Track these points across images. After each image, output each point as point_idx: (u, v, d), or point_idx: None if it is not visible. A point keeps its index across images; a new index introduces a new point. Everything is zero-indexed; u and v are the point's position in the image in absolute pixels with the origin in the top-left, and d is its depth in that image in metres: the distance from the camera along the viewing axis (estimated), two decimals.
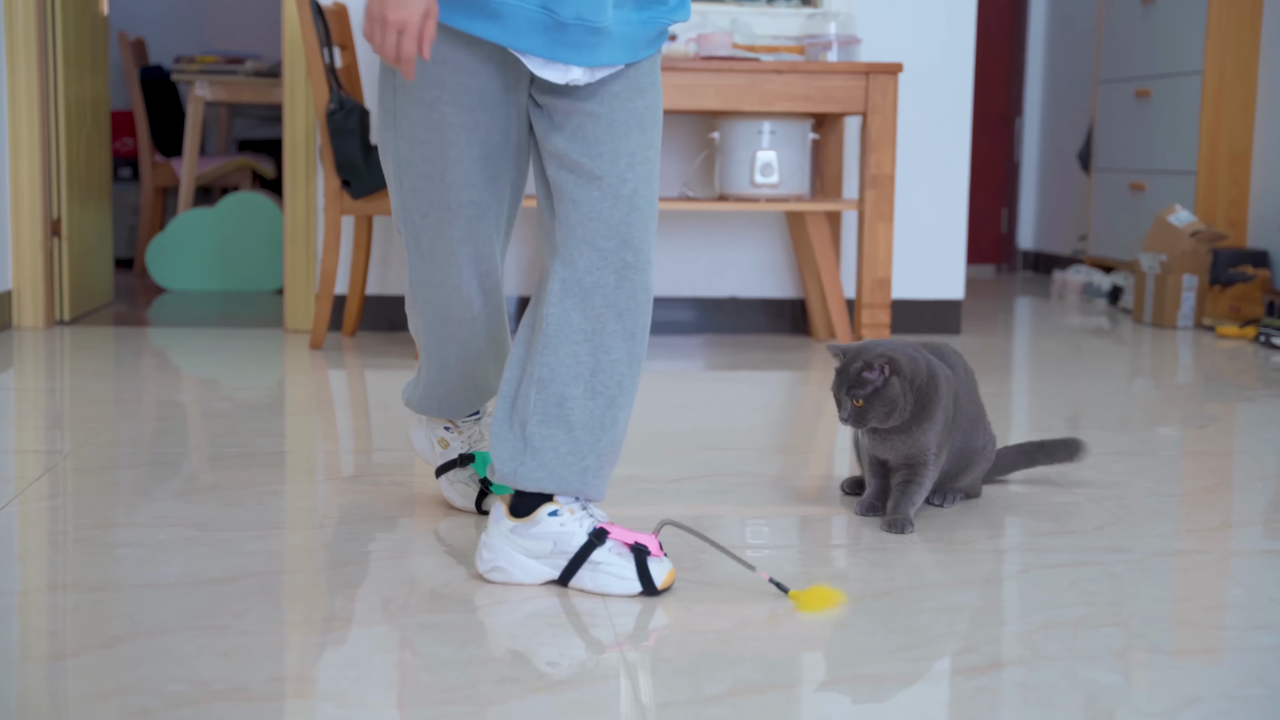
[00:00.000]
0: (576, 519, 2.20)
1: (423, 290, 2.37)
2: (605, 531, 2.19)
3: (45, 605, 2.07)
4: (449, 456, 2.63)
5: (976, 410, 2.70)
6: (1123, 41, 6.87)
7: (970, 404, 2.68)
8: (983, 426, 2.72)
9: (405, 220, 2.31)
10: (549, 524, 2.19)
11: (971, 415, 2.68)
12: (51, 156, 5.12)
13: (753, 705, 1.74)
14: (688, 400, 3.86)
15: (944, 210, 5.31)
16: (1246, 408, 3.89)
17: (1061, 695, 1.79)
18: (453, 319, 2.38)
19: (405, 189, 2.28)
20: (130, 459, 3.01)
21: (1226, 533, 2.58)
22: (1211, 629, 2.06)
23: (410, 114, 2.21)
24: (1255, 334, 5.24)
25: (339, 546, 2.41)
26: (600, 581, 2.18)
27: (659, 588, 2.17)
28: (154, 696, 1.74)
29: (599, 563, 2.18)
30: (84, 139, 5.38)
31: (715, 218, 5.30)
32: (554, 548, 2.19)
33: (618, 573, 2.18)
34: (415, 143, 2.23)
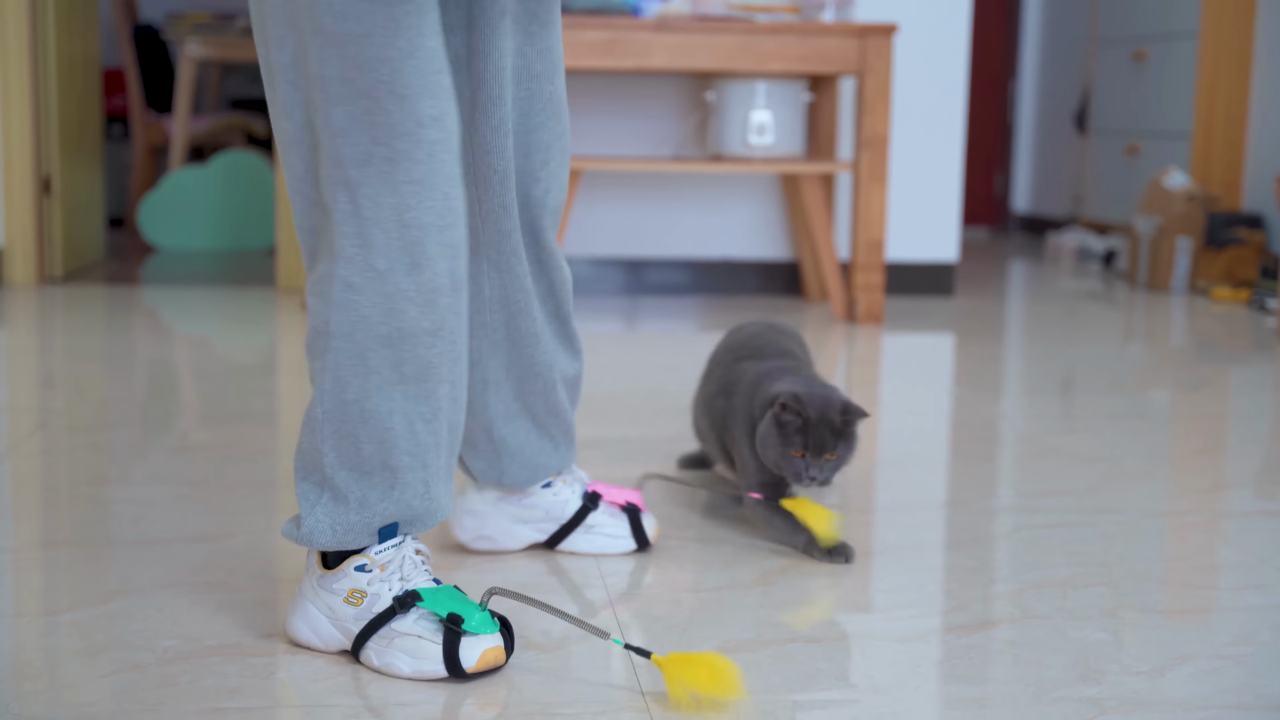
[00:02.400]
0: (569, 486, 2.16)
1: (368, 292, 1.68)
2: (599, 495, 2.17)
3: (38, 561, 2.08)
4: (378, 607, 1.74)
5: None
6: (1119, 2, 6.85)
7: None
8: None
9: (334, 179, 1.66)
10: (543, 495, 2.15)
11: None
12: (43, 114, 5.10)
13: (744, 662, 1.75)
14: (680, 361, 3.86)
15: (938, 172, 5.31)
16: (1239, 371, 3.90)
17: (1051, 654, 1.80)
18: (409, 333, 1.70)
19: (335, 124, 1.65)
20: (123, 417, 3.02)
21: (1218, 494, 2.60)
22: (1201, 589, 2.07)
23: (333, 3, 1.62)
24: (1249, 297, 5.25)
25: None
26: (596, 543, 2.15)
27: (651, 543, 2.18)
28: (146, 652, 1.75)
29: (593, 525, 2.16)
30: (75, 97, 5.37)
31: (709, 179, 5.30)
32: (546, 514, 2.15)
33: (612, 532, 2.16)
34: (346, 41, 1.63)
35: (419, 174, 1.66)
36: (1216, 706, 1.65)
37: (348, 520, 1.72)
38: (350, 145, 1.64)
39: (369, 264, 1.66)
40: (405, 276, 1.67)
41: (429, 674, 1.69)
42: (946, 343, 4.31)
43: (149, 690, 1.64)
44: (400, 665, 1.69)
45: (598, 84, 5.23)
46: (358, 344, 1.68)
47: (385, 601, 1.72)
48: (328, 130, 1.65)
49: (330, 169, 1.66)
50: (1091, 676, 1.73)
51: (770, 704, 1.63)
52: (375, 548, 1.74)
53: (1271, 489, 2.63)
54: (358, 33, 1.61)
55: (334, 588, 1.74)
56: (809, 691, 1.67)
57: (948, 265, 5.37)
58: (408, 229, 1.66)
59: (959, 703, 1.64)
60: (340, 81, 1.62)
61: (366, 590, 1.72)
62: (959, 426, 3.12)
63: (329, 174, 1.66)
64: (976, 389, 3.57)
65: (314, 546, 1.73)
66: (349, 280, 1.67)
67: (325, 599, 1.75)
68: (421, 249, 1.67)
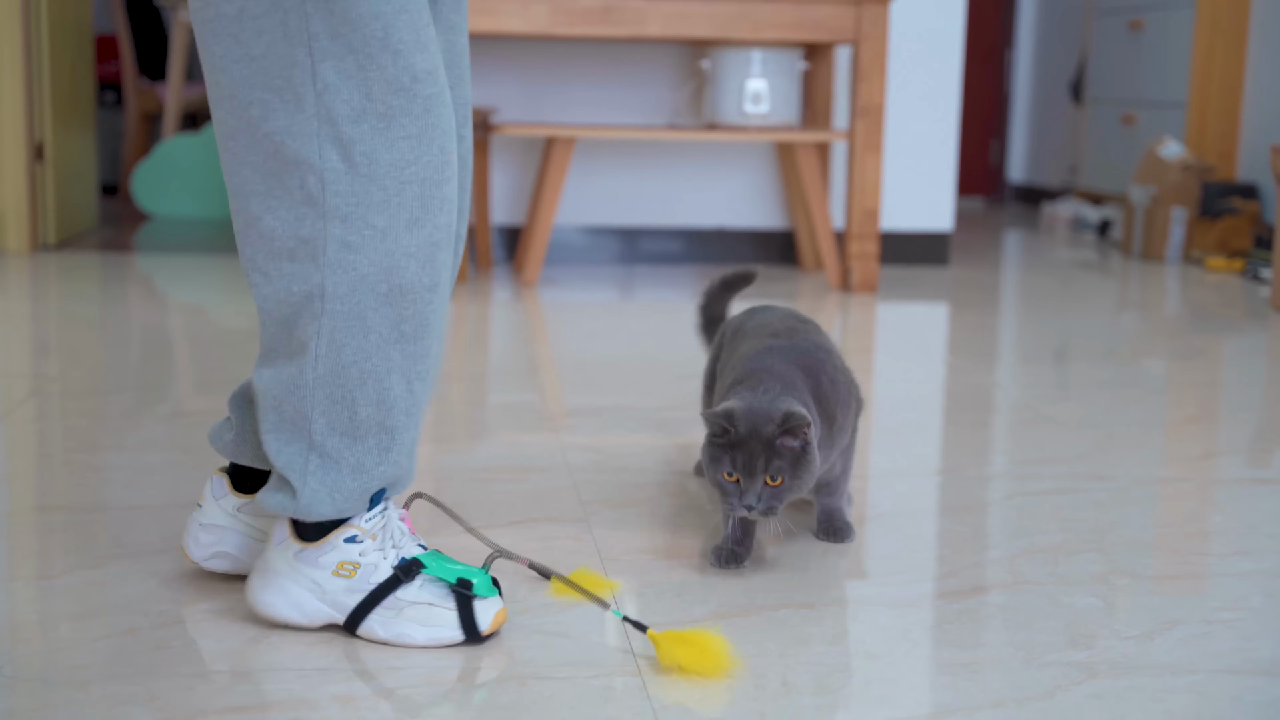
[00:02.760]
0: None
1: (366, 251, 1.63)
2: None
3: (34, 526, 2.08)
4: (377, 577, 1.72)
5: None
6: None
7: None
8: None
9: (324, 136, 1.61)
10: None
11: None
12: (35, 80, 5.09)
13: (737, 628, 1.75)
14: (675, 329, 3.87)
15: (934, 141, 5.30)
16: (1233, 340, 3.90)
17: (1042, 619, 1.81)
18: (409, 290, 1.67)
19: (324, 80, 1.60)
20: (117, 384, 3.02)
21: (1209, 461, 2.60)
22: (1192, 555, 2.08)
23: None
24: (1243, 267, 5.26)
25: None
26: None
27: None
28: (140, 616, 1.76)
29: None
30: (67, 62, 5.35)
31: (704, 148, 5.29)
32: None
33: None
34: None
35: (415, 129, 1.62)
36: (1205, 671, 1.65)
37: (345, 487, 1.68)
38: (342, 102, 1.59)
39: (367, 221, 1.61)
40: (405, 233, 1.63)
41: (446, 640, 1.68)
42: (941, 312, 4.32)
43: (143, 654, 1.64)
44: (414, 634, 1.68)
45: (592, 52, 5.22)
46: (357, 304, 1.63)
47: (385, 571, 1.70)
48: (315, 87, 1.58)
49: (318, 126, 1.59)
50: (1082, 641, 1.74)
51: (762, 668, 1.63)
52: (364, 516, 1.71)
53: (1263, 456, 2.64)
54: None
55: (320, 561, 1.69)
56: (801, 656, 1.68)
57: (943, 234, 5.37)
58: (406, 185, 1.62)
59: (951, 667, 1.65)
60: (329, 37, 1.57)
61: (360, 561, 1.70)
62: (953, 394, 3.13)
63: (317, 131, 1.59)
64: (971, 357, 3.57)
65: (314, 517, 1.68)
66: (345, 239, 1.61)
67: (309, 574, 1.70)
68: (421, 204, 1.64)
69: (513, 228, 5.25)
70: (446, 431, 2.70)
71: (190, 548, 1.86)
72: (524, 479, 2.40)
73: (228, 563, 1.87)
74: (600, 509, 2.25)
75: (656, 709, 1.52)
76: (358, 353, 1.65)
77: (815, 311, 4.19)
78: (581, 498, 2.30)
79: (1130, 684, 1.61)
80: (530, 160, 5.24)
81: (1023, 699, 1.57)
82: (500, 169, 5.22)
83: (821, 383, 2.02)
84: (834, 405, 2.02)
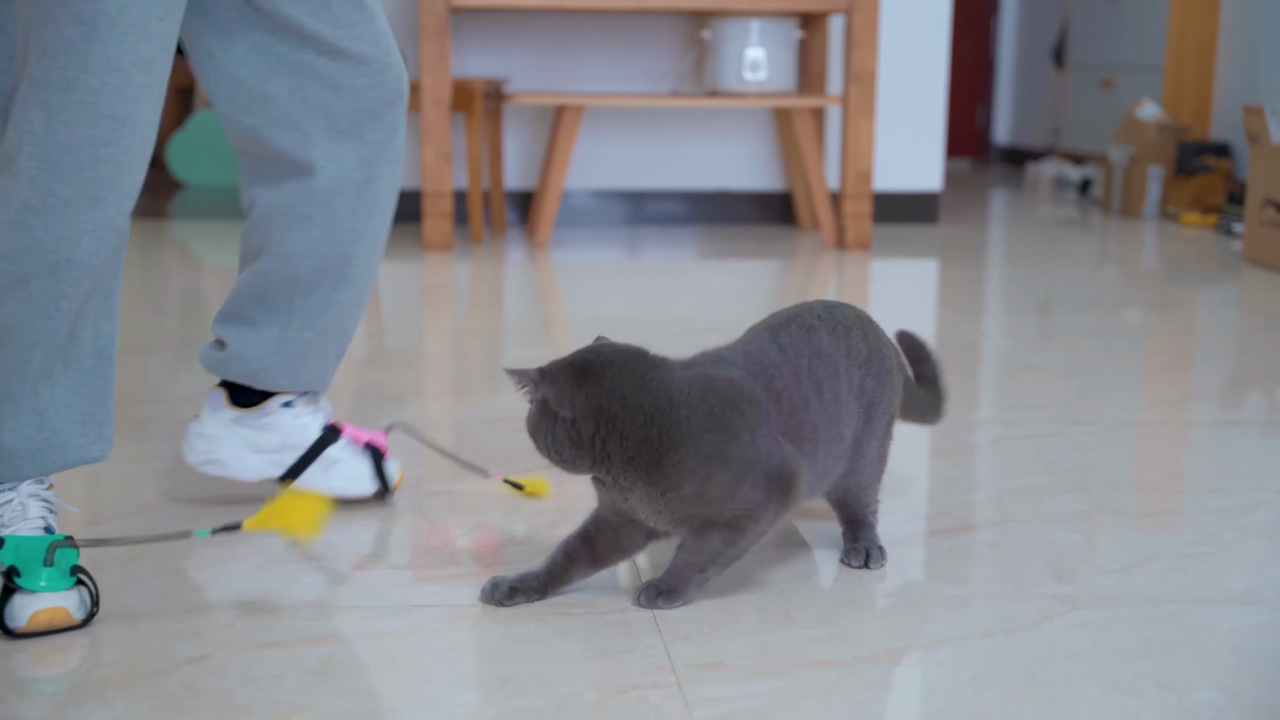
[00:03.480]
0: (312, 411, 1.94)
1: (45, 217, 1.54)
2: (339, 429, 1.95)
3: (83, 475, 2.09)
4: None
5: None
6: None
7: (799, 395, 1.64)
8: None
9: (33, 99, 1.51)
10: (282, 415, 1.93)
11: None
12: None
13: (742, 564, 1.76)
14: (678, 287, 3.87)
15: (923, 105, 5.28)
16: (1206, 291, 3.90)
17: (1028, 554, 1.82)
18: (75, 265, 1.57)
19: (44, 44, 1.51)
20: (157, 343, 3.02)
21: (1184, 406, 2.61)
22: (1168, 493, 2.09)
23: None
24: (1216, 222, 5.24)
25: (353, 421, 2.43)
26: (333, 483, 1.93)
27: (391, 489, 1.98)
28: (184, 558, 1.77)
29: (334, 460, 1.94)
30: None
31: (705, 114, 5.28)
32: (284, 441, 1.93)
33: (352, 472, 1.95)
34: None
35: (123, 112, 1.54)
36: (1180, 601, 1.66)
37: None
38: (59, 69, 1.50)
39: (51, 190, 1.52)
40: (88, 209, 1.55)
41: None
42: (931, 267, 4.31)
43: (186, 593, 1.66)
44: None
45: (598, 22, 5.20)
46: (23, 268, 1.55)
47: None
48: (36, 48, 1.50)
49: (31, 88, 1.51)
50: (1066, 575, 1.75)
51: (766, 603, 1.64)
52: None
53: (1235, 401, 2.65)
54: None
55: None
56: (802, 591, 1.69)
57: (932, 194, 5.36)
58: (100, 164, 1.53)
59: (943, 600, 1.66)
60: (59, 2, 1.48)
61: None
62: (943, 345, 3.13)
63: (27, 92, 1.51)
64: (959, 310, 3.57)
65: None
66: (28, 202, 1.52)
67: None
68: (110, 186, 1.55)
69: (525, 192, 5.24)
70: (465, 385, 2.71)
71: (187, 454, 1.94)
72: None
73: (219, 469, 1.94)
74: None
75: (667, 642, 1.53)
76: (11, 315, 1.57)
77: (812, 269, 4.19)
78: None
79: (1111, 614, 1.62)
80: (541, 128, 5.23)
81: (1011, 629, 1.58)
82: (513, 136, 5.21)
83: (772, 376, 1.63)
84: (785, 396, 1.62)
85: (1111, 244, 4.89)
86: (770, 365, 1.63)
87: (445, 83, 4.37)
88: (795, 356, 1.65)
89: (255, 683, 1.42)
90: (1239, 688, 1.44)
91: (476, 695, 1.40)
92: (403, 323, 3.30)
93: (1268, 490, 2.10)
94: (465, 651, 1.51)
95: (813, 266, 4.24)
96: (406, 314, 3.41)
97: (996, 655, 1.51)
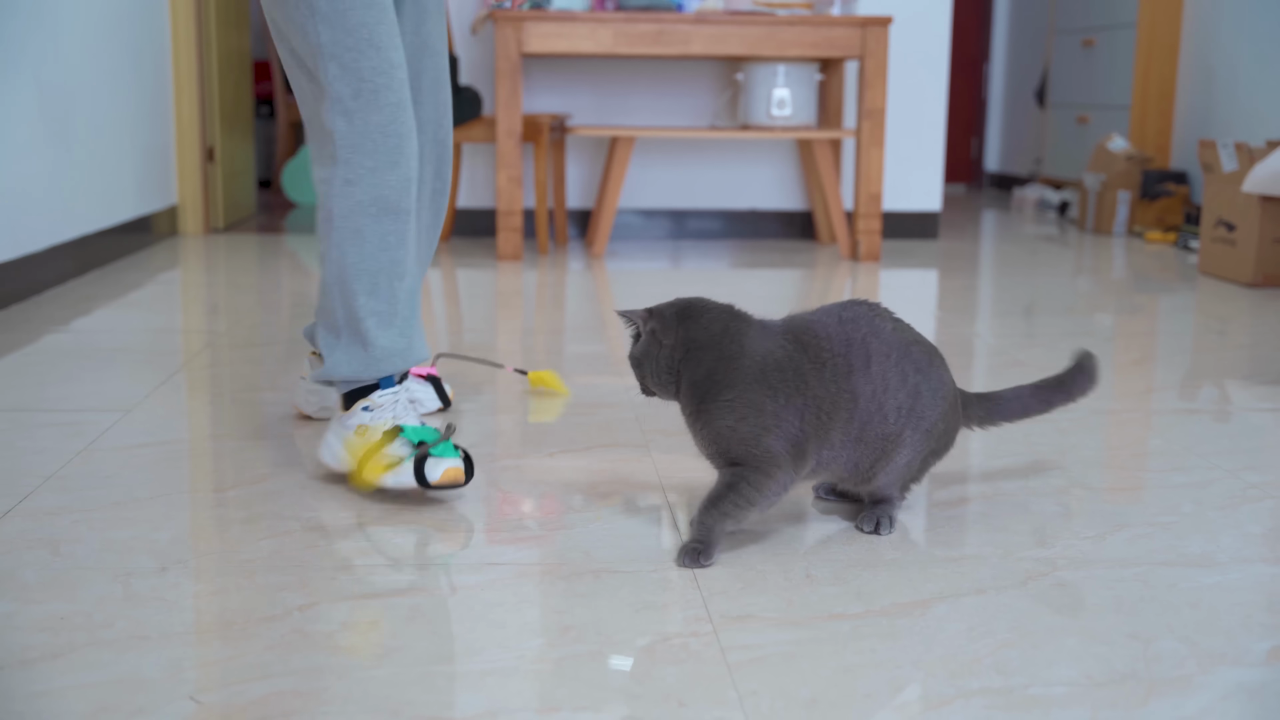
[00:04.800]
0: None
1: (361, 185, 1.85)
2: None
3: (209, 450, 2.10)
4: (373, 440, 1.89)
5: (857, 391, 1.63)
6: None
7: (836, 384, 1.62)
8: (889, 410, 1.65)
9: (334, 110, 1.84)
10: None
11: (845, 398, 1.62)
12: (206, 97, 5.11)
13: (756, 534, 1.75)
14: (716, 292, 3.85)
15: (925, 138, 5.24)
16: (1167, 298, 3.85)
17: (1016, 523, 1.80)
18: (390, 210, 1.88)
19: (330, 74, 1.83)
20: (272, 338, 3.03)
21: (1149, 395, 2.57)
22: (1136, 471, 2.06)
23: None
24: (1176, 239, 5.18)
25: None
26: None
27: (450, 401, 2.29)
28: (293, 520, 1.77)
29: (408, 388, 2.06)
30: (231, 83, 5.37)
31: (738, 144, 5.26)
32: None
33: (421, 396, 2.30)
34: (334, 15, 1.82)
35: (394, 99, 1.85)
36: (1146, 564, 1.64)
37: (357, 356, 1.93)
38: (345, 85, 1.83)
39: (360, 164, 1.85)
40: (388, 171, 1.86)
41: (405, 485, 1.83)
42: (932, 276, 4.28)
43: (296, 551, 1.66)
44: (386, 479, 1.84)
45: (647, 67, 5.18)
46: (354, 222, 1.86)
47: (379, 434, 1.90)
48: (325, 78, 1.84)
49: (331, 104, 1.84)
50: (1047, 541, 1.73)
51: (789, 563, 1.63)
52: (379, 393, 1.92)
53: (1192, 392, 2.61)
54: (342, 8, 1.81)
55: (347, 423, 1.91)
56: (821, 554, 1.67)
57: (933, 213, 5.32)
58: (388, 138, 1.85)
59: (942, 561, 1.64)
60: (332, 43, 1.82)
61: (370, 425, 1.88)
62: (942, 343, 3.10)
63: (330, 108, 1.84)
64: (956, 313, 3.54)
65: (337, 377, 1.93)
66: (347, 177, 1.85)
67: (341, 432, 1.91)
68: (400, 152, 1.86)
69: (584, 210, 5.23)
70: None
71: (302, 405, 2.22)
72: (595, 413, 2.40)
73: (327, 412, 2.24)
74: (658, 437, 2.24)
75: (705, 595, 1.52)
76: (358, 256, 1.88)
77: (830, 277, 4.17)
78: (642, 428, 2.30)
79: (1087, 575, 1.60)
80: (598, 156, 5.22)
81: (1000, 587, 1.56)
82: (574, 163, 5.21)
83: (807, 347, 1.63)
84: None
85: (1086, 257, 4.84)
86: (824, 334, 1.63)
87: (516, 118, 4.36)
88: (852, 329, 1.64)
89: (354, 628, 1.42)
90: (1196, 638, 1.42)
91: (541, 641, 1.39)
92: (480, 321, 3.29)
93: (1220, 469, 2.07)
94: (531, 603, 1.50)
95: (830, 275, 4.21)
96: (483, 314, 3.40)
97: (988, 609, 1.49)
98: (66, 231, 3.83)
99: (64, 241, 3.80)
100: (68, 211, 3.84)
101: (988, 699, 1.27)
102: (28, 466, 1.99)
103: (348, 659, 1.34)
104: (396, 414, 1.90)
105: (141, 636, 1.39)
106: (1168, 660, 1.36)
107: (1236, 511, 1.86)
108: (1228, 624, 1.46)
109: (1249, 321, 3.44)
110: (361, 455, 1.84)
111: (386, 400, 1.91)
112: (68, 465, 2.00)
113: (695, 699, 1.27)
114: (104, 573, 1.56)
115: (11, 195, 3.43)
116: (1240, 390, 2.63)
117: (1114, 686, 1.30)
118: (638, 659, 1.35)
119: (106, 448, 2.10)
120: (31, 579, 1.54)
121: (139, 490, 1.89)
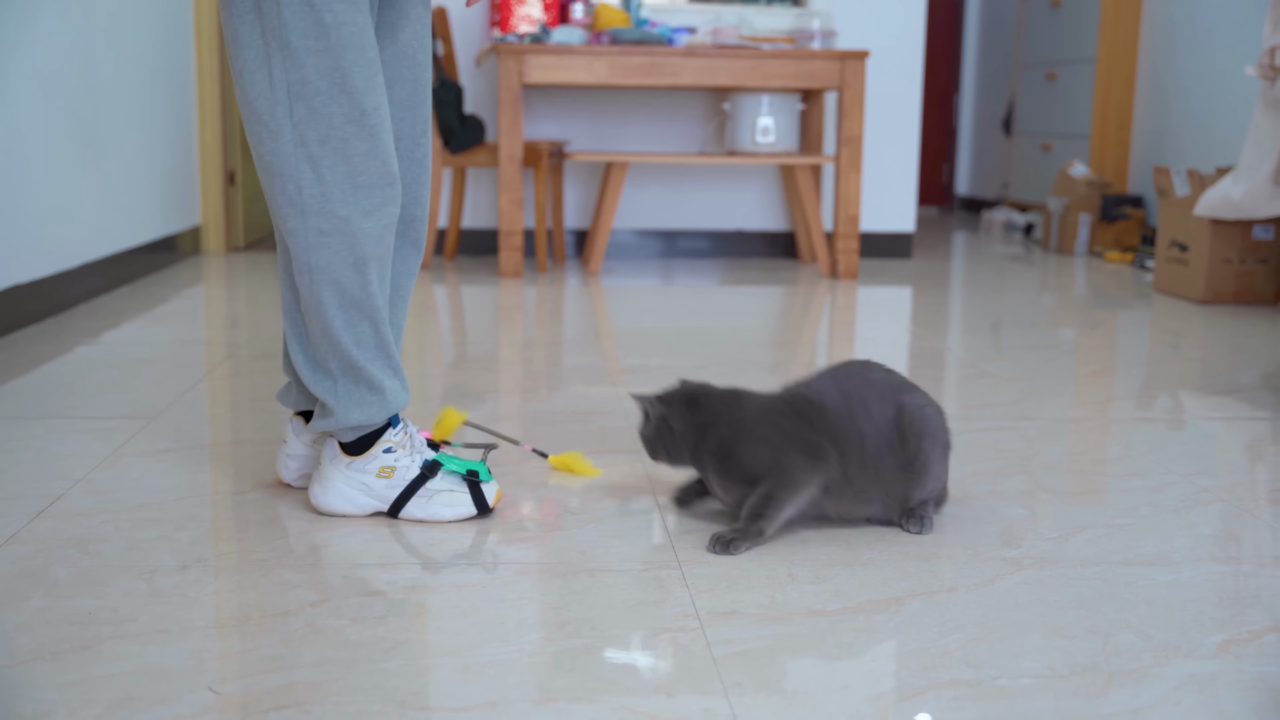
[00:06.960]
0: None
1: (334, 235, 1.65)
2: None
3: (230, 454, 2.09)
4: (407, 477, 1.78)
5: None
6: (1037, 35, 6.75)
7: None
8: None
9: (299, 156, 1.62)
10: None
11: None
12: (227, 124, 5.10)
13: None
14: (704, 307, 3.85)
15: (899, 163, 5.25)
16: (1125, 314, 3.86)
17: (983, 525, 1.79)
18: (369, 259, 1.68)
19: (298, 116, 1.61)
20: None
21: (1109, 405, 2.57)
22: (1096, 476, 2.06)
23: (298, 25, 1.59)
24: (1133, 259, 5.19)
25: None
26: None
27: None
28: (306, 523, 1.76)
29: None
30: None
31: (725, 169, 5.26)
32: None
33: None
34: (305, 54, 1.59)
35: (364, 148, 1.63)
36: (1106, 563, 1.64)
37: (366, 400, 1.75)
38: (312, 130, 1.61)
39: (332, 213, 1.64)
40: (361, 220, 1.66)
41: (466, 515, 1.77)
42: (905, 293, 4.28)
43: (309, 551, 1.65)
44: (443, 513, 1.76)
45: (641, 97, 5.19)
46: (333, 273, 1.67)
47: (415, 470, 1.77)
48: (291, 120, 1.61)
49: (295, 149, 1.62)
50: (1014, 542, 1.72)
51: (772, 563, 1.62)
52: (392, 432, 1.77)
53: (1148, 401, 2.61)
54: (316, 48, 1.59)
55: (366, 468, 1.76)
56: (801, 554, 1.67)
57: (907, 234, 5.33)
58: (359, 188, 1.64)
59: (915, 560, 1.64)
60: (302, 84, 1.60)
61: (395, 465, 1.76)
62: (915, 355, 3.10)
63: (294, 153, 1.62)
64: (928, 327, 3.54)
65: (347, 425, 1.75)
66: (320, 228, 1.65)
67: (358, 478, 1.76)
68: (370, 199, 1.66)
69: (581, 230, 5.23)
70: (531, 385, 2.70)
71: (282, 472, 1.90)
72: (590, 420, 2.39)
73: (306, 480, 1.90)
74: None
75: (693, 593, 1.51)
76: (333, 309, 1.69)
77: (811, 294, 4.17)
78: (635, 436, 2.29)
79: (1050, 573, 1.60)
80: (594, 180, 5.22)
81: (970, 585, 1.55)
82: (571, 186, 5.21)
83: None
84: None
85: (1050, 276, 4.84)
86: (820, 388, 1.73)
87: (518, 144, 4.36)
88: (846, 384, 1.73)
89: (364, 623, 1.41)
90: (1152, 632, 1.41)
91: (539, 635, 1.39)
92: (483, 334, 3.29)
93: (1174, 474, 2.07)
94: (530, 600, 1.49)
95: (811, 292, 4.21)
96: (485, 328, 3.40)
97: (958, 606, 1.48)
98: (98, 250, 3.82)
99: (95, 259, 3.79)
100: (99, 231, 3.84)
101: (958, 690, 1.27)
102: (59, 470, 1.99)
103: (357, 652, 1.34)
104: (414, 449, 1.78)
105: (164, 630, 1.38)
106: (1126, 653, 1.36)
107: (1189, 514, 1.86)
108: (1181, 619, 1.46)
109: (1201, 336, 3.44)
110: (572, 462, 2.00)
111: (401, 439, 1.77)
112: (96, 469, 2.00)
113: (683, 690, 1.26)
114: (129, 570, 1.56)
115: (51, 215, 3.42)
116: (1193, 400, 2.63)
117: (1076, 678, 1.30)
118: (630, 652, 1.34)
119: (133, 452, 2.09)
120: (62, 575, 1.54)
121: (163, 492, 1.88)
